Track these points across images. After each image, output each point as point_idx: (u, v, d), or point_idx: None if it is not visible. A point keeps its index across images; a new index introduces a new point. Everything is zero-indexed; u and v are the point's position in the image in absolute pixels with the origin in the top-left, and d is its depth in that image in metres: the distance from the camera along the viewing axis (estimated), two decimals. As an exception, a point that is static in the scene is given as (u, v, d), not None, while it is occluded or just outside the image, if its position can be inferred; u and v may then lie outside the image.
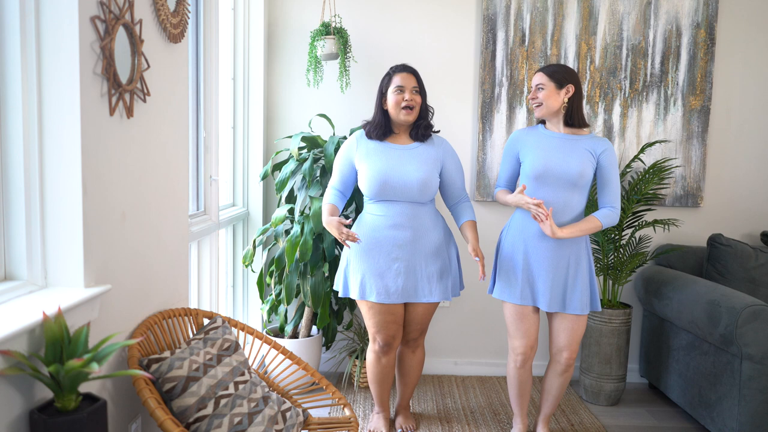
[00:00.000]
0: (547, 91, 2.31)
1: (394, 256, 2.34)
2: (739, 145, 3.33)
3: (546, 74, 2.32)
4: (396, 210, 2.33)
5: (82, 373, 1.24)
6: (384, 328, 2.42)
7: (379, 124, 2.39)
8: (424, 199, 2.35)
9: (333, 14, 3.09)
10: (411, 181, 2.30)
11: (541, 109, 2.34)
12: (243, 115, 3.15)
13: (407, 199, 2.33)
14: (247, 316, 3.28)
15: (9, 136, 1.38)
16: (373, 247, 2.35)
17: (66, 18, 1.36)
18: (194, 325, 1.97)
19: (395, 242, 2.33)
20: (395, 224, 2.33)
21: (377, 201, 2.36)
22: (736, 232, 3.36)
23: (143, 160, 1.73)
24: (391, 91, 2.34)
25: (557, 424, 2.81)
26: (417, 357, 2.61)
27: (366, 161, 2.36)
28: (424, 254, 2.36)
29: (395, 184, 2.31)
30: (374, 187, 2.32)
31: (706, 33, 3.20)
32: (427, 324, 2.54)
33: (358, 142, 2.42)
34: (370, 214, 2.38)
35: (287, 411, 1.85)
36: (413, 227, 2.34)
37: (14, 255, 1.42)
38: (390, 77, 2.37)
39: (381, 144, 2.39)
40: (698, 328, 2.64)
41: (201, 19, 2.54)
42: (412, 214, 2.34)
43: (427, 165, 2.35)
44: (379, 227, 2.35)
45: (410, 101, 2.32)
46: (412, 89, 2.34)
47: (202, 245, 2.64)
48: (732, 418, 2.46)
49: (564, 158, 2.29)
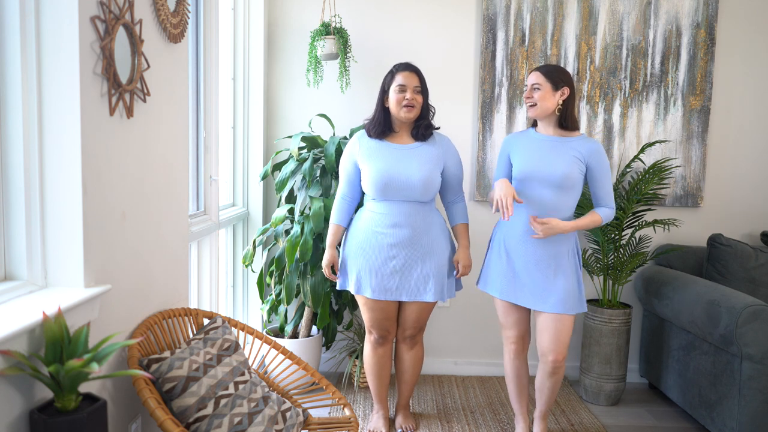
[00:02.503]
0: (543, 92, 2.31)
1: (391, 254, 2.35)
2: (739, 145, 3.33)
3: (543, 74, 2.32)
4: (396, 209, 2.34)
5: (82, 373, 1.24)
6: (378, 323, 2.48)
7: (379, 121, 2.40)
8: (426, 198, 2.36)
9: (333, 14, 3.09)
10: (414, 181, 2.31)
11: (535, 110, 2.34)
12: (243, 115, 3.15)
13: (409, 198, 2.34)
14: (247, 316, 3.28)
15: (9, 136, 1.38)
16: (371, 243, 2.37)
17: (66, 18, 1.36)
18: (194, 325, 1.97)
19: (393, 240, 2.35)
20: (395, 223, 2.34)
21: (379, 200, 2.37)
22: (736, 232, 3.36)
23: (143, 160, 1.73)
24: (393, 89, 2.35)
25: (557, 424, 2.81)
26: (415, 354, 2.61)
27: (368, 161, 2.37)
28: (421, 253, 2.37)
29: (398, 184, 2.31)
30: (377, 187, 2.33)
31: (706, 33, 3.20)
32: (424, 322, 2.55)
33: (360, 142, 2.43)
34: (370, 211, 2.40)
35: (287, 411, 1.85)
36: (412, 226, 2.35)
37: (14, 255, 1.42)
38: (393, 75, 2.37)
39: (382, 144, 2.39)
40: (698, 328, 2.64)
41: (201, 19, 2.54)
42: (412, 213, 2.35)
43: (429, 164, 2.35)
44: (378, 224, 2.36)
45: (411, 100, 2.32)
46: (414, 89, 2.34)
47: (202, 245, 2.64)
48: (732, 418, 2.46)
49: (550, 161, 2.30)
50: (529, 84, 2.34)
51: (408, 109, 2.33)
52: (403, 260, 2.35)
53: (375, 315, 2.46)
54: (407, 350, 2.60)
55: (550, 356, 2.36)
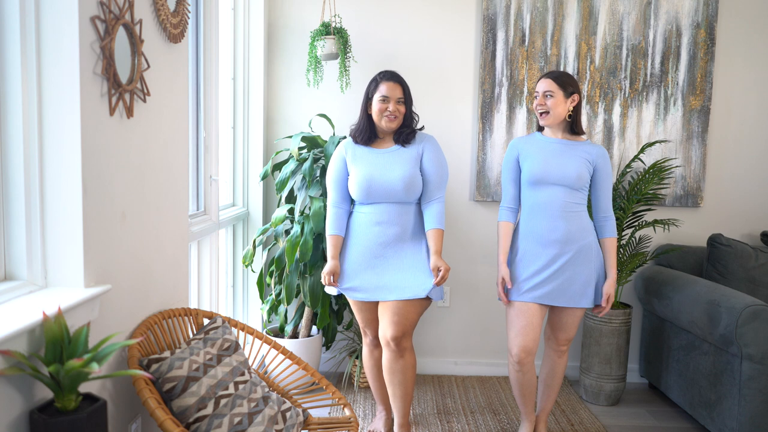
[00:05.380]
0: (556, 99, 2.32)
1: (379, 253, 2.35)
2: (739, 145, 3.33)
3: (555, 82, 2.33)
4: (383, 209, 2.36)
5: (82, 373, 1.24)
6: (371, 324, 2.49)
7: (364, 129, 2.40)
8: (410, 199, 2.36)
9: (333, 14, 3.09)
10: (395, 182, 2.31)
11: (548, 117, 2.35)
12: (243, 115, 3.14)
13: (394, 200, 2.35)
14: (247, 316, 3.28)
15: (9, 136, 1.38)
16: (359, 243, 2.37)
17: (66, 18, 1.36)
18: (194, 325, 1.97)
19: (381, 239, 2.34)
20: (382, 221, 2.35)
21: (366, 203, 2.39)
22: (736, 232, 3.36)
23: (143, 160, 1.73)
24: (377, 99, 2.34)
25: (557, 424, 2.81)
26: (405, 363, 2.37)
27: (354, 167, 2.38)
28: (409, 251, 2.36)
29: (380, 187, 2.33)
30: (361, 191, 2.34)
31: (706, 33, 3.20)
32: (412, 324, 2.35)
33: (347, 149, 2.42)
34: (359, 212, 2.41)
35: (287, 411, 1.85)
36: (401, 224, 2.35)
37: (14, 255, 1.42)
38: (377, 84, 2.35)
39: (366, 149, 2.40)
40: (698, 328, 2.64)
41: (201, 19, 2.54)
42: (399, 213, 2.36)
43: (409, 164, 2.35)
44: (366, 223, 2.37)
45: (394, 112, 2.33)
46: (396, 100, 2.33)
47: (202, 245, 2.64)
48: (732, 418, 2.46)
49: (562, 162, 2.33)
50: (541, 91, 2.34)
51: (389, 119, 2.34)
52: (390, 258, 2.35)
53: (365, 315, 2.47)
54: (397, 359, 2.35)
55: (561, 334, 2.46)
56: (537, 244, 2.36)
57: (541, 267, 2.35)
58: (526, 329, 2.34)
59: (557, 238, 2.33)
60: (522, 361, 2.36)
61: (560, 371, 2.53)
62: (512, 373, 2.43)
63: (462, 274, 3.35)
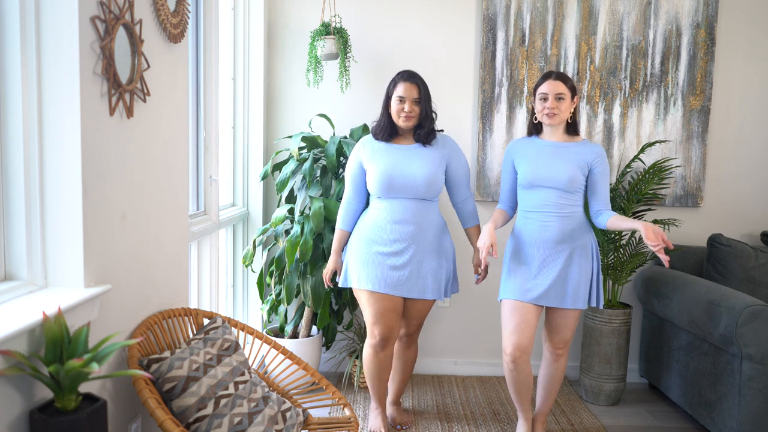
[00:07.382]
0: (567, 102, 2.35)
1: (395, 249, 2.38)
2: (739, 145, 3.33)
3: (566, 84, 2.34)
4: (401, 206, 2.39)
5: (82, 373, 1.24)
6: (382, 318, 2.40)
7: (384, 126, 2.47)
8: (430, 196, 2.42)
9: (333, 14, 3.09)
10: (417, 178, 2.37)
11: (556, 119, 2.35)
12: (243, 115, 3.15)
13: (413, 195, 2.39)
14: (247, 316, 3.28)
15: (9, 136, 1.38)
16: (374, 238, 2.40)
17: (66, 18, 1.36)
18: (194, 325, 1.97)
19: (397, 236, 2.38)
20: (399, 219, 2.38)
21: (384, 198, 2.41)
22: (736, 232, 3.36)
23: (143, 160, 1.73)
24: (394, 98, 2.42)
25: (557, 424, 2.81)
26: (412, 354, 2.69)
27: (373, 162, 2.43)
28: (426, 250, 2.41)
29: (401, 181, 2.37)
30: (381, 184, 2.38)
31: (706, 33, 3.20)
32: (423, 320, 2.61)
33: (365, 145, 2.49)
34: (375, 208, 2.44)
35: (287, 411, 1.85)
36: (417, 222, 2.39)
37: (14, 255, 1.42)
38: (395, 84, 2.43)
39: (386, 145, 2.46)
40: (698, 328, 2.64)
41: (201, 19, 2.54)
42: (417, 210, 2.39)
43: (432, 163, 2.41)
44: (383, 221, 2.40)
45: (410, 112, 2.39)
46: (413, 101, 2.39)
47: (202, 245, 2.64)
48: (732, 418, 2.46)
49: (555, 165, 2.34)
50: (552, 94, 2.33)
51: (406, 119, 2.40)
52: (407, 256, 2.38)
53: (380, 306, 2.39)
54: (404, 349, 2.66)
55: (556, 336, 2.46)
56: (530, 245, 2.37)
57: (533, 268, 2.36)
58: (520, 327, 2.34)
59: (550, 239, 2.34)
60: (516, 360, 2.36)
61: (558, 375, 2.52)
62: (507, 371, 2.43)
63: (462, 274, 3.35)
